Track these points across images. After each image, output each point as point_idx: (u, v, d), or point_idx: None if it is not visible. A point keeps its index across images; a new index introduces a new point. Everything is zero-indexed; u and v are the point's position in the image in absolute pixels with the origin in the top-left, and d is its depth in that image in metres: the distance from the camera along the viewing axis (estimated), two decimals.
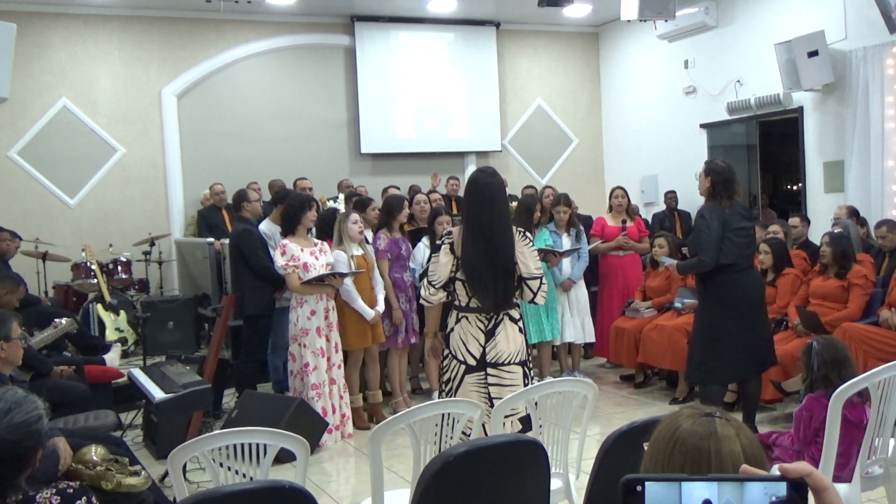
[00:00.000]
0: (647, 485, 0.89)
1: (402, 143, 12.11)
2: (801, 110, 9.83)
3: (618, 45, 13.00)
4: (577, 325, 7.37)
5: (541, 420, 3.57)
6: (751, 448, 1.41)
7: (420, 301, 4.78)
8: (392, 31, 12.04)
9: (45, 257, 9.08)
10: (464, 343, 4.10)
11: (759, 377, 5.47)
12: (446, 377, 4.18)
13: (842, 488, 3.49)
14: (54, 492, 2.26)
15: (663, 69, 11.94)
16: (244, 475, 3.02)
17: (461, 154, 12.49)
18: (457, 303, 4.15)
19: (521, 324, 4.19)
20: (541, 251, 6.61)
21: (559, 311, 7.26)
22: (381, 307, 6.31)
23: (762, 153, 10.88)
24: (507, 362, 4.09)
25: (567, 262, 7.30)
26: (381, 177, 11.35)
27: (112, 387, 6.53)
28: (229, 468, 3.04)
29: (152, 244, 9.85)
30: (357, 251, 6.22)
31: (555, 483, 3.42)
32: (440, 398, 4.21)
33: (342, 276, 5.97)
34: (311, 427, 5.51)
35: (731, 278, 5.28)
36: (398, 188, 9.06)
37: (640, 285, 7.48)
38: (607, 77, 13.33)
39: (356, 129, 11.87)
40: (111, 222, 10.57)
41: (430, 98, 12.23)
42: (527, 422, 3.95)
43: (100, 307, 8.60)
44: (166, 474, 4.64)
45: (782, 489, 0.89)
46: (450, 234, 4.20)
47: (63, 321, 5.95)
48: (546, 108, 13.11)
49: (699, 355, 5.45)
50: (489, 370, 4.08)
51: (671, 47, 11.72)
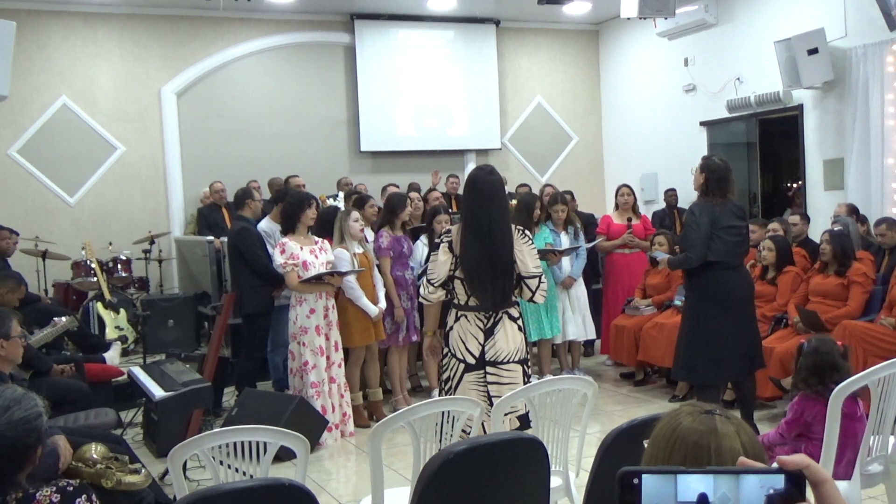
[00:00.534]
0: (643, 478, 0.89)
1: (402, 141, 12.10)
2: (800, 108, 9.82)
3: (618, 42, 12.99)
4: (577, 322, 7.37)
5: (541, 418, 3.57)
6: (751, 445, 1.41)
7: (419, 299, 4.78)
8: (392, 28, 12.03)
9: (44, 256, 9.08)
10: (463, 342, 4.10)
11: (753, 376, 5.46)
12: (445, 376, 4.18)
13: (841, 485, 3.49)
14: (54, 490, 2.26)
15: (663, 67, 11.93)
16: (244, 473, 3.02)
17: (461, 152, 12.48)
18: (456, 301, 4.15)
19: (520, 322, 4.18)
20: (541, 251, 6.62)
21: (560, 309, 7.26)
22: (382, 304, 6.32)
23: (762, 151, 10.86)
24: (506, 361, 4.08)
25: (567, 260, 7.30)
26: (380, 175, 11.35)
27: (112, 385, 6.53)
28: (229, 466, 3.04)
29: (152, 242, 9.84)
30: (358, 249, 6.22)
31: (555, 481, 3.42)
32: (440, 396, 4.21)
33: (341, 274, 5.98)
34: (312, 425, 5.51)
35: (717, 276, 5.27)
36: (397, 186, 9.06)
37: (641, 283, 7.48)
38: (607, 75, 13.33)
39: (356, 126, 11.86)
40: (111, 220, 10.56)
41: (430, 96, 12.22)
42: (525, 420, 3.95)
43: (100, 305, 8.59)
44: (166, 472, 4.64)
45: (779, 482, 0.89)
46: (448, 232, 4.19)
47: (63, 319, 5.95)
48: (546, 105, 13.10)
49: (684, 353, 5.46)
50: (488, 369, 4.08)
51: (671, 45, 11.72)
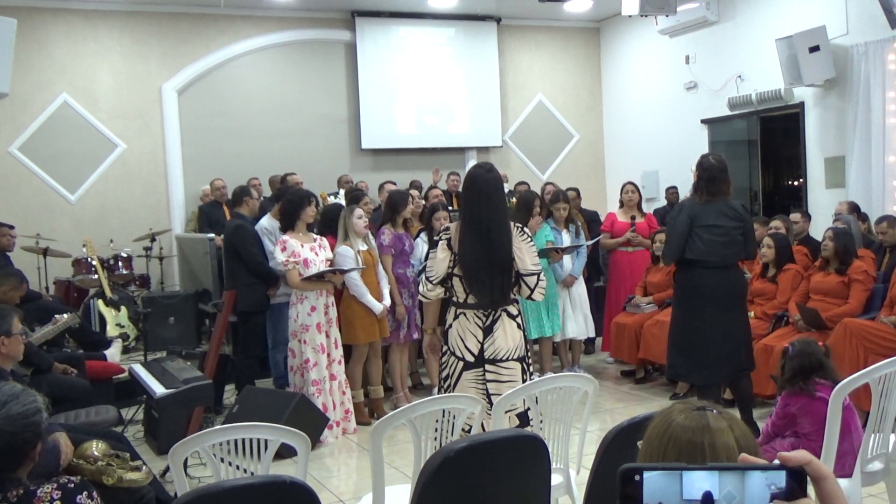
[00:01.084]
0: (647, 476, 0.89)
1: (403, 139, 12.10)
2: (802, 106, 9.81)
3: (619, 40, 12.98)
4: (578, 320, 7.37)
5: (541, 415, 3.57)
6: (744, 440, 1.41)
7: (419, 297, 4.78)
8: (393, 26, 12.02)
9: (45, 253, 9.08)
10: (462, 339, 4.10)
11: (748, 376, 5.46)
12: (445, 373, 4.18)
13: (842, 483, 3.50)
14: (55, 486, 2.27)
15: (664, 64, 11.92)
16: (245, 470, 3.02)
17: (462, 149, 12.47)
18: (455, 299, 4.15)
19: (519, 320, 4.18)
20: (543, 249, 6.62)
21: (560, 307, 7.26)
22: (387, 301, 6.32)
23: (763, 149, 10.85)
24: (505, 358, 4.08)
25: (568, 259, 7.29)
26: (381, 172, 11.33)
27: (113, 382, 6.54)
28: (230, 463, 3.04)
29: (153, 240, 9.85)
30: (362, 246, 6.22)
31: (555, 478, 3.42)
32: (439, 394, 4.21)
33: (342, 272, 5.97)
34: (312, 422, 5.51)
35: (697, 275, 5.27)
36: (395, 184, 9.05)
37: (642, 281, 7.48)
38: (608, 72, 13.32)
39: (357, 124, 11.86)
40: (112, 218, 10.57)
41: (431, 93, 12.21)
42: (524, 417, 3.96)
43: (101, 303, 8.60)
44: (167, 469, 4.65)
45: (782, 479, 0.89)
46: (447, 229, 4.19)
47: (64, 316, 5.96)
48: (547, 103, 13.09)
49: (669, 351, 5.48)
50: (487, 366, 4.08)
51: (672, 42, 11.71)
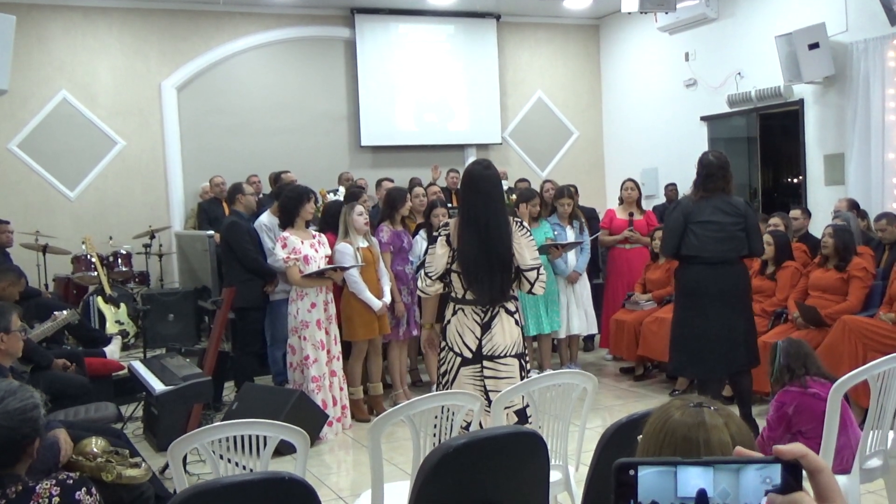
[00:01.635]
0: (641, 473, 0.89)
1: (403, 136, 12.09)
2: (801, 103, 9.81)
3: (618, 37, 12.97)
4: (581, 316, 7.38)
5: (540, 412, 3.57)
6: (740, 436, 1.41)
7: (418, 292, 4.79)
8: (392, 23, 12.01)
9: (45, 250, 9.08)
10: (460, 335, 4.10)
11: (749, 372, 5.47)
12: (443, 369, 4.18)
13: (840, 480, 3.50)
14: (54, 482, 2.27)
15: (664, 62, 11.92)
16: (244, 467, 3.03)
17: (461, 147, 12.47)
18: (453, 295, 4.15)
19: (517, 316, 4.19)
20: (543, 246, 6.62)
21: (564, 304, 7.26)
22: (387, 298, 6.32)
23: (763, 146, 10.85)
24: (502, 355, 4.09)
25: (572, 255, 7.30)
26: (381, 169, 11.33)
27: (112, 379, 6.54)
28: (229, 460, 3.04)
29: (152, 237, 9.85)
30: (363, 243, 6.22)
31: (555, 475, 3.42)
32: (438, 390, 4.21)
33: (342, 269, 5.98)
34: (312, 419, 5.52)
35: (693, 271, 5.29)
36: (392, 181, 9.04)
37: (641, 278, 7.48)
38: (608, 69, 13.31)
39: (356, 121, 11.85)
40: (111, 215, 10.56)
41: (431, 91, 12.21)
42: (522, 414, 3.96)
43: (100, 300, 8.60)
44: (167, 466, 4.65)
45: (777, 473, 0.89)
46: (447, 225, 4.20)
47: (64, 313, 5.97)
48: (546, 100, 13.09)
49: (670, 346, 5.51)
50: (485, 363, 4.08)
51: (672, 40, 11.70)
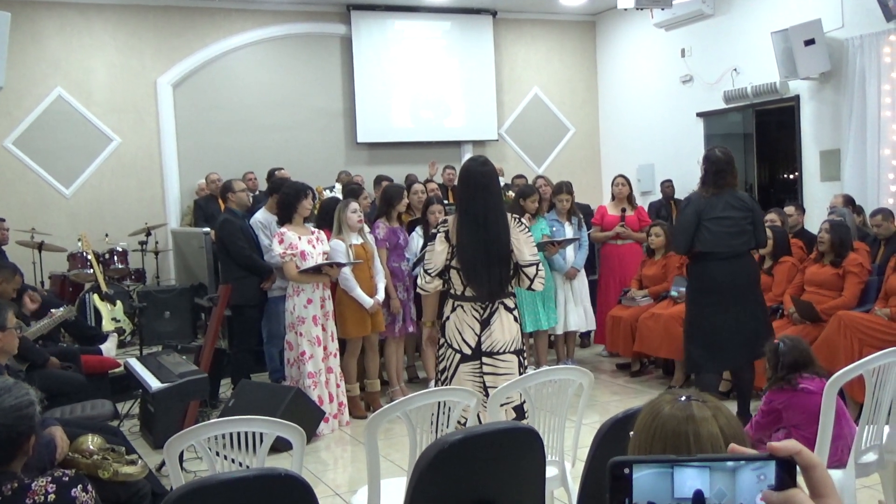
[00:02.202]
0: (638, 475, 0.89)
1: (399, 133, 12.09)
2: (797, 99, 9.82)
3: (614, 33, 12.97)
4: (579, 313, 7.39)
5: (537, 408, 3.58)
6: (729, 428, 1.42)
7: (417, 290, 4.79)
8: (388, 19, 12.00)
9: (41, 247, 9.07)
10: (459, 332, 4.10)
11: (752, 366, 5.48)
12: (442, 366, 4.19)
13: (836, 475, 3.51)
14: (50, 480, 2.27)
15: (660, 58, 11.92)
16: (241, 464, 3.02)
17: (458, 143, 12.46)
18: (452, 291, 4.16)
19: (516, 313, 4.19)
20: (539, 243, 6.62)
21: (562, 300, 7.26)
22: (381, 296, 6.32)
23: (759, 142, 10.86)
24: (501, 351, 4.10)
25: (571, 251, 7.30)
26: (377, 166, 11.33)
27: (109, 376, 6.53)
28: (226, 457, 3.04)
29: (148, 234, 9.84)
30: (356, 240, 6.22)
31: (551, 471, 3.43)
32: (436, 387, 4.22)
33: (339, 265, 5.98)
34: (308, 416, 5.52)
35: (710, 266, 5.31)
36: (391, 179, 9.05)
37: (637, 274, 7.49)
38: (604, 66, 13.31)
39: (352, 118, 11.84)
40: (107, 212, 10.55)
41: (427, 87, 12.20)
42: (520, 410, 3.96)
43: (96, 297, 8.59)
44: (163, 464, 4.65)
45: (771, 470, 0.89)
46: (445, 222, 4.20)
47: (60, 310, 5.96)
48: (543, 97, 13.08)
49: (686, 344, 5.52)
50: (484, 359, 4.09)
51: (668, 36, 11.70)
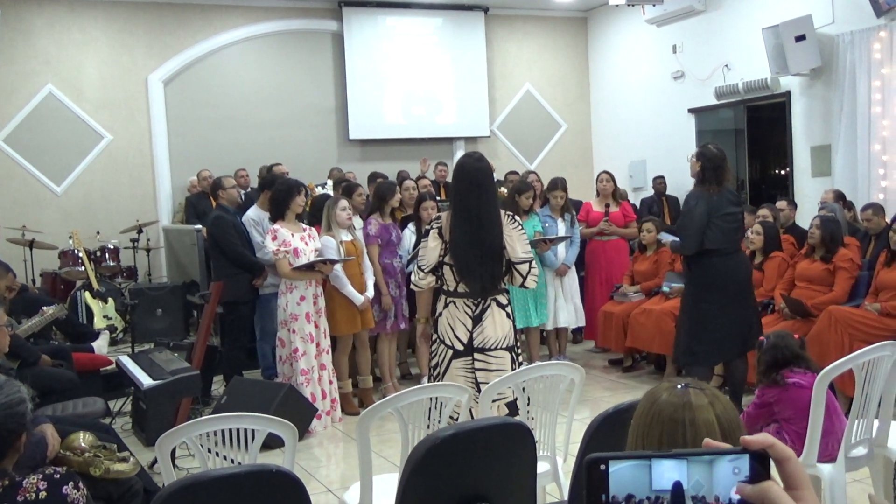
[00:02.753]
0: (617, 468, 0.89)
1: (391, 129, 12.08)
2: (788, 95, 9.85)
3: (606, 29, 12.98)
4: (570, 309, 7.40)
5: (529, 404, 3.59)
6: (725, 415, 1.44)
7: (410, 286, 4.80)
8: (380, 16, 11.98)
9: (31, 245, 9.04)
10: (451, 328, 4.11)
11: (745, 359, 5.51)
12: (434, 362, 4.20)
13: (826, 468, 3.53)
14: (41, 477, 2.26)
15: (652, 54, 11.93)
16: (233, 461, 3.02)
17: (450, 140, 12.47)
18: (445, 287, 4.17)
19: (508, 309, 4.20)
20: (532, 241, 6.63)
21: (552, 297, 7.27)
22: (370, 293, 6.32)
23: (750, 138, 10.89)
24: (494, 347, 4.10)
25: (562, 248, 7.31)
26: (369, 163, 11.32)
27: (100, 374, 6.52)
28: (217, 454, 3.04)
29: (140, 231, 9.82)
30: (346, 237, 6.22)
31: (543, 466, 3.44)
32: (429, 383, 4.22)
33: (332, 262, 5.97)
34: (301, 413, 5.52)
35: (715, 262, 5.34)
36: (386, 176, 9.05)
37: (629, 270, 7.51)
38: (596, 62, 13.32)
39: (344, 115, 11.83)
40: (98, 209, 10.52)
41: (419, 84, 12.19)
42: (513, 407, 3.97)
43: (87, 295, 8.56)
44: (156, 461, 4.64)
45: (746, 464, 0.90)
46: (439, 218, 4.21)
47: (51, 308, 5.93)
48: (535, 93, 13.09)
49: (685, 339, 5.52)
50: (476, 355, 4.10)
51: (659, 32, 11.72)
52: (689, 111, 11.30)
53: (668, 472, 0.89)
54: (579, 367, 3.64)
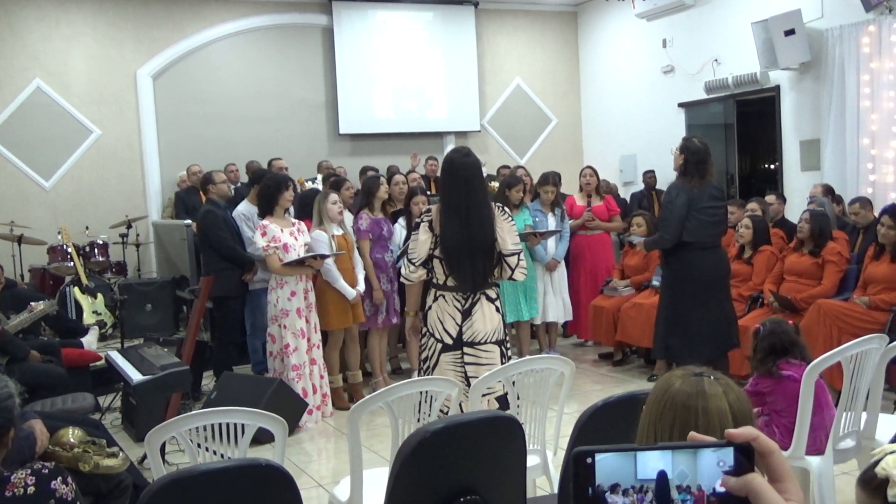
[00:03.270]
0: (602, 457, 0.90)
1: (381, 124, 12.06)
2: (777, 89, 9.87)
3: (596, 24, 12.98)
4: (558, 304, 7.41)
5: (518, 397, 3.59)
6: (738, 404, 1.46)
7: (401, 279, 4.80)
8: (370, 10, 11.96)
9: (20, 240, 9.00)
10: (441, 322, 4.12)
11: (726, 358, 5.53)
12: (424, 356, 4.20)
13: (814, 461, 3.55)
14: (29, 472, 2.26)
15: (642, 48, 11.94)
16: (223, 456, 3.02)
17: (440, 134, 12.45)
18: (435, 281, 4.17)
19: (498, 303, 4.21)
20: (522, 234, 6.64)
21: (542, 291, 7.29)
22: (361, 287, 6.32)
23: (739, 132, 10.92)
24: (483, 341, 4.11)
25: (552, 242, 7.32)
26: (359, 157, 11.30)
27: (90, 370, 6.49)
28: (207, 449, 3.03)
29: (129, 226, 9.78)
30: (337, 231, 6.21)
31: (533, 459, 3.45)
32: (419, 377, 4.22)
33: (323, 257, 5.97)
34: (291, 408, 5.51)
35: (693, 257, 5.36)
36: (376, 170, 9.04)
37: (619, 264, 7.53)
38: (586, 56, 13.32)
39: (334, 109, 11.80)
40: (87, 205, 10.48)
41: (409, 78, 12.17)
42: (503, 401, 3.98)
43: (77, 290, 8.53)
44: (146, 457, 4.63)
45: (731, 456, 0.91)
46: (429, 211, 4.21)
47: (40, 304, 5.91)
48: (525, 87, 13.09)
49: (661, 332, 5.55)
50: (466, 349, 4.10)
51: (649, 26, 11.72)
52: (679, 105, 11.31)
53: (652, 462, 0.90)
54: (569, 361, 3.65)
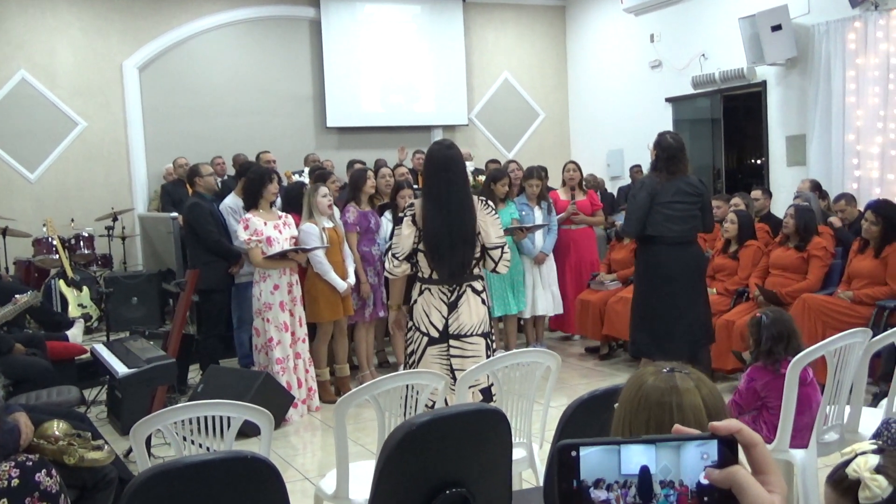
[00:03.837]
0: (586, 452, 0.90)
1: (369, 117, 12.04)
2: (764, 84, 9.91)
3: (584, 18, 12.99)
4: (548, 297, 7.42)
5: (505, 391, 3.60)
6: (711, 399, 1.46)
7: (385, 274, 4.80)
8: (358, 3, 11.91)
9: (5, 233, 8.95)
10: (426, 315, 4.12)
11: (707, 353, 5.56)
12: (410, 349, 4.21)
13: (798, 454, 3.57)
14: (13, 465, 2.25)
15: (629, 43, 11.96)
16: (208, 449, 3.01)
17: (428, 128, 12.43)
18: (420, 275, 4.17)
19: (483, 296, 4.21)
20: (508, 228, 6.64)
21: (530, 285, 7.30)
22: (352, 280, 6.31)
23: (726, 127, 10.95)
24: (469, 334, 4.11)
25: (539, 236, 7.34)
26: (347, 151, 11.28)
27: (75, 363, 6.46)
28: (193, 442, 3.03)
29: (115, 219, 9.73)
30: (327, 224, 6.20)
31: (519, 453, 3.45)
32: (405, 370, 4.22)
33: (304, 250, 5.96)
34: (278, 401, 5.51)
35: (658, 252, 5.38)
36: (363, 163, 9.03)
37: (605, 258, 7.56)
38: (574, 51, 13.33)
39: (322, 102, 11.77)
40: (73, 197, 10.42)
41: (397, 71, 12.15)
42: (487, 393, 3.99)
43: (62, 283, 8.49)
44: (131, 450, 4.62)
45: (715, 449, 0.91)
46: (412, 205, 4.21)
47: (25, 296, 5.87)
48: (513, 81, 13.09)
49: (630, 327, 5.58)
50: (451, 342, 4.11)
51: (637, 21, 11.74)
52: (667, 100, 11.34)
53: (636, 457, 0.91)
54: (555, 355, 3.66)
